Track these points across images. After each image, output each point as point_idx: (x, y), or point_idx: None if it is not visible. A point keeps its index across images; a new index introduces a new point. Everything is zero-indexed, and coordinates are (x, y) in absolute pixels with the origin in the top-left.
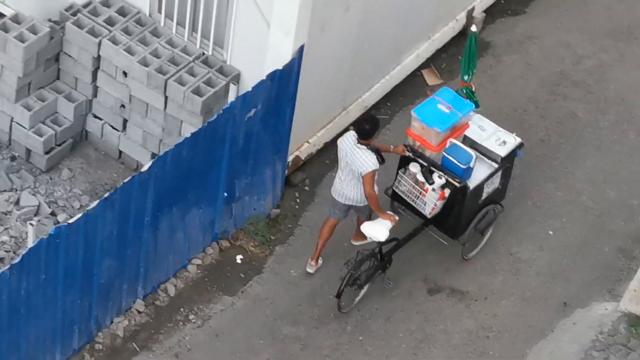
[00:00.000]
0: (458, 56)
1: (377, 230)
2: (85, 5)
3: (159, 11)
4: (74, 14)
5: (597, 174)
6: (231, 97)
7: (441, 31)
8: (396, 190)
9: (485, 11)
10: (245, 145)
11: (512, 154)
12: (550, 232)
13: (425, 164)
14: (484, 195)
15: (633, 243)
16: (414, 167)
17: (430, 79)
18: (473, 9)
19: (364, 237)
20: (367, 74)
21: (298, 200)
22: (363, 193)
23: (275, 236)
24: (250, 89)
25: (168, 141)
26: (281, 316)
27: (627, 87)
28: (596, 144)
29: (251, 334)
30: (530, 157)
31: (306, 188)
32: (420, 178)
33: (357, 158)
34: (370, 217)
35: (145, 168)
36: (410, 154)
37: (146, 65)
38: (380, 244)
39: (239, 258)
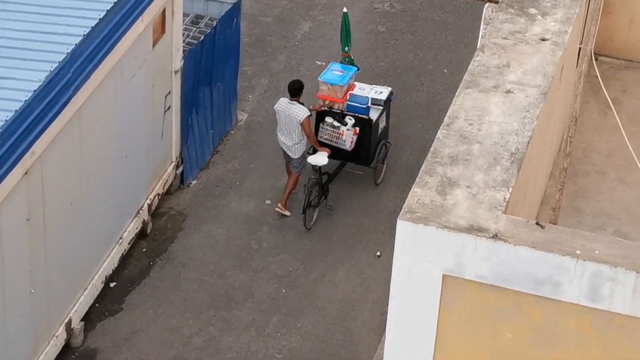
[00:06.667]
0: None
1: (319, 158)
2: None
3: None
4: None
5: None
6: None
7: (45, 352)
8: (320, 139)
9: (83, 319)
10: None
11: (389, 99)
12: None
13: (337, 111)
14: (380, 130)
15: None
16: (329, 118)
17: None
18: (70, 320)
19: (285, 209)
20: None
21: None
22: (296, 143)
23: None
24: None
25: None
26: None
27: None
28: None
29: None
30: None
31: None
32: (336, 124)
33: (293, 111)
34: (300, 169)
35: None
36: (326, 108)
37: None
38: (320, 173)
39: None
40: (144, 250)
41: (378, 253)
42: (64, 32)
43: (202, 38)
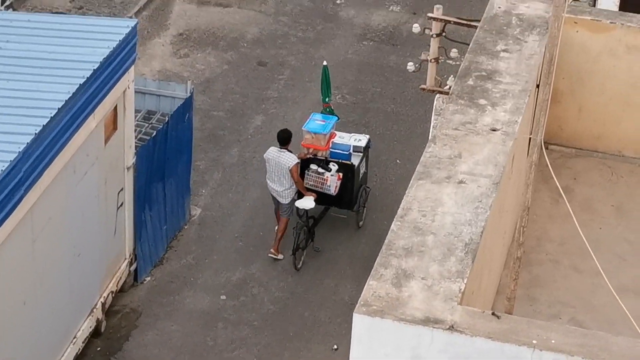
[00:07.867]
0: None
1: (306, 202)
2: None
3: None
4: None
5: None
6: None
7: None
8: (305, 185)
9: None
10: None
11: (368, 145)
12: None
13: (322, 158)
14: (360, 175)
15: None
16: (314, 165)
17: None
18: None
19: (278, 253)
20: None
21: None
22: (286, 189)
23: None
24: None
25: None
26: None
27: None
28: None
29: None
30: None
31: None
32: (321, 171)
33: (283, 158)
34: (289, 214)
35: None
36: (310, 156)
37: None
38: (307, 217)
39: None
40: (99, 349)
41: (335, 346)
42: (15, 131)
43: (154, 134)
